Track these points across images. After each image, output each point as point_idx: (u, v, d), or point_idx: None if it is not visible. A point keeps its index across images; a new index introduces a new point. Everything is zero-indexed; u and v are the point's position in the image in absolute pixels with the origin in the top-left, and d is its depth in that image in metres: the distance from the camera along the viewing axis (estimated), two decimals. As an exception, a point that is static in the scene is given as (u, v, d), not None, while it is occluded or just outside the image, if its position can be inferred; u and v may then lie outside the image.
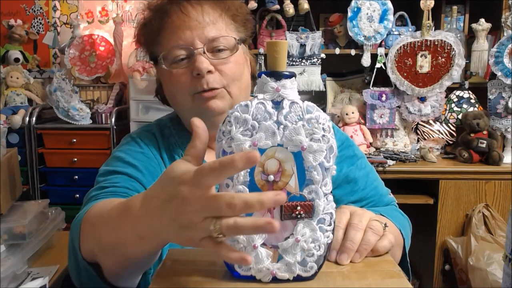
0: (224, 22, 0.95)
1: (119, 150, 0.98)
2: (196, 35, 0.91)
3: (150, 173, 0.92)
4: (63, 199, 2.70)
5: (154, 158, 0.96)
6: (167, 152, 1.00)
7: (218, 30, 0.93)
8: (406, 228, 0.96)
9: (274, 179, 0.59)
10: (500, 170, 2.21)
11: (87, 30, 3.16)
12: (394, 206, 1.07)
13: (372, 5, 2.49)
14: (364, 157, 1.08)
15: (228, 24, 0.96)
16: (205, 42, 0.92)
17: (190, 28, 0.91)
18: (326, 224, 0.61)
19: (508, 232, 0.71)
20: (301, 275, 0.60)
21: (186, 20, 0.92)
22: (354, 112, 2.49)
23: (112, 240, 0.66)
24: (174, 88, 0.96)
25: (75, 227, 0.76)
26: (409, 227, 1.01)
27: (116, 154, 0.96)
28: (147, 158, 0.95)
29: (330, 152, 0.60)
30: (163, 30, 0.94)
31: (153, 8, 0.96)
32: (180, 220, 0.53)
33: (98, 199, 0.81)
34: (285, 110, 0.59)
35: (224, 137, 0.60)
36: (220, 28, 0.93)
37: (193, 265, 0.65)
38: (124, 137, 1.04)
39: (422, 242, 2.41)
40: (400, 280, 0.61)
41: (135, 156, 0.94)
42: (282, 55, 0.61)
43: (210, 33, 0.92)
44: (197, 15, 0.92)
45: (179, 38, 0.92)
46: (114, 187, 0.85)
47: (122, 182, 0.87)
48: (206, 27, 0.92)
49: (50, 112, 2.86)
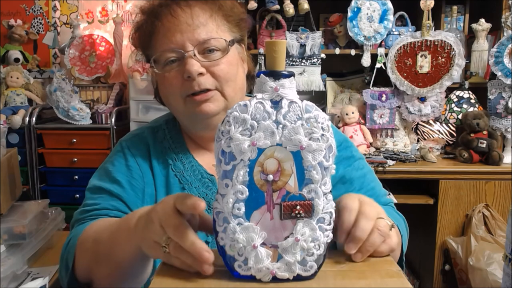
0: (215, 23, 0.95)
1: (109, 161, 1.02)
2: (186, 38, 0.91)
3: (131, 187, 0.96)
4: (63, 199, 2.70)
5: (139, 170, 0.98)
6: (158, 157, 1.01)
7: (209, 32, 0.93)
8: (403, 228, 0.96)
9: (273, 178, 0.59)
10: (500, 170, 2.21)
11: (87, 30, 3.15)
12: (391, 207, 1.06)
13: (372, 5, 2.48)
14: (362, 159, 1.07)
15: (220, 25, 0.95)
16: (196, 44, 0.92)
17: (181, 31, 0.92)
18: (326, 223, 0.61)
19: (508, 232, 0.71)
20: (301, 275, 0.60)
21: (176, 23, 0.92)
22: (354, 112, 2.48)
23: (110, 243, 0.78)
24: (167, 91, 0.97)
25: (71, 248, 0.87)
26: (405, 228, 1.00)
27: (106, 166, 1.01)
28: (130, 171, 0.98)
29: (329, 151, 0.60)
30: (154, 34, 0.95)
31: (145, 11, 0.97)
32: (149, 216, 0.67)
33: (84, 222, 0.92)
34: (284, 110, 0.59)
35: (223, 137, 0.60)
36: (211, 30, 0.93)
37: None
38: (117, 143, 1.06)
39: (422, 242, 2.41)
40: (400, 280, 0.61)
41: (120, 170, 0.98)
42: (280, 54, 0.61)
43: (200, 35, 0.92)
44: (186, 18, 0.92)
45: (170, 41, 0.92)
46: (95, 210, 0.93)
47: (103, 203, 0.94)
48: (196, 29, 0.92)
49: (50, 112, 2.86)
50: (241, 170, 0.59)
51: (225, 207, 0.59)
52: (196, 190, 0.97)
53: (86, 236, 0.86)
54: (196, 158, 1.01)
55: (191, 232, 0.62)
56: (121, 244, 0.76)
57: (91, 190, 0.98)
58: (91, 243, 0.84)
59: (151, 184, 0.98)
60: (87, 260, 0.85)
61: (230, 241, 0.59)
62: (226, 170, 0.59)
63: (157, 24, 0.93)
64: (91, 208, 0.94)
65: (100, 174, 1.01)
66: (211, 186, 0.98)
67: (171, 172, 0.99)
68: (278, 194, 0.60)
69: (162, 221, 0.64)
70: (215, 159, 0.61)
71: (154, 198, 0.97)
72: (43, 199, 1.63)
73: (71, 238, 0.91)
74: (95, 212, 0.93)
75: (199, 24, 0.92)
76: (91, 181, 1.00)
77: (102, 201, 0.94)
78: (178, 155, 1.01)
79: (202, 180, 0.98)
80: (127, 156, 1.00)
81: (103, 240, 0.81)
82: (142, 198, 0.96)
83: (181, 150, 1.02)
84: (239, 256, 0.60)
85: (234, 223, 0.59)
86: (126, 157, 1.00)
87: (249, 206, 0.60)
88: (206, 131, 0.99)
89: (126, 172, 0.98)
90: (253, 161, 0.59)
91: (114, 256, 0.78)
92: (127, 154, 1.00)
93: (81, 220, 0.93)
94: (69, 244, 0.90)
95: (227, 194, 0.59)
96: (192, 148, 1.03)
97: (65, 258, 0.89)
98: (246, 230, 0.59)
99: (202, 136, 1.02)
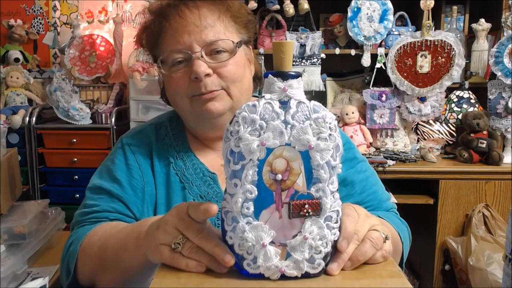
0: (223, 25, 0.94)
1: (110, 159, 1.02)
2: (194, 39, 0.91)
3: (131, 187, 0.96)
4: (63, 199, 2.69)
5: (138, 169, 0.99)
6: (160, 155, 1.01)
7: (216, 33, 0.93)
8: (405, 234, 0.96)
9: (282, 178, 0.60)
10: (500, 170, 2.22)
11: (87, 30, 3.16)
12: (394, 213, 1.05)
13: (372, 5, 2.49)
14: (365, 161, 1.07)
15: (228, 26, 0.95)
16: (203, 45, 0.92)
17: (188, 32, 0.92)
18: (333, 222, 0.62)
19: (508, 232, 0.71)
20: (309, 272, 0.61)
21: (183, 24, 0.92)
22: (354, 112, 2.49)
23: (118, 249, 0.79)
24: (174, 91, 0.97)
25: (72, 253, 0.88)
26: (408, 234, 1.00)
27: (106, 164, 1.01)
28: (130, 171, 0.98)
29: (336, 150, 0.61)
30: (162, 34, 0.94)
31: (153, 11, 0.97)
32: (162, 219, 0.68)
33: (84, 225, 0.93)
34: (292, 110, 0.60)
35: (232, 137, 0.60)
36: (219, 31, 0.93)
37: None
38: (118, 139, 1.06)
39: (422, 242, 2.41)
40: (400, 280, 0.61)
41: (120, 168, 0.99)
42: (288, 55, 0.61)
43: (208, 36, 0.92)
44: (194, 19, 0.92)
45: (177, 42, 0.92)
46: (95, 213, 0.94)
47: (103, 204, 0.94)
48: (203, 30, 0.92)
49: (50, 112, 2.86)
50: (250, 169, 0.59)
51: (234, 207, 0.60)
52: (197, 188, 0.97)
53: (90, 242, 0.86)
54: (198, 156, 1.01)
55: (214, 235, 0.64)
56: (129, 251, 0.76)
57: (91, 190, 0.99)
58: (97, 249, 0.84)
59: (151, 183, 0.98)
60: (91, 266, 0.85)
61: (239, 240, 0.60)
62: (235, 170, 0.59)
63: (165, 25, 0.93)
64: (91, 210, 0.94)
65: (101, 172, 1.01)
66: (213, 184, 0.98)
67: (172, 170, 0.99)
68: (286, 193, 0.60)
69: (178, 225, 0.65)
70: (224, 159, 0.61)
71: (154, 197, 0.97)
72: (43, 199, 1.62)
73: (72, 243, 0.91)
74: (95, 215, 0.93)
75: (207, 25, 0.92)
76: (92, 180, 1.01)
77: (101, 203, 0.94)
78: (179, 153, 1.01)
79: (203, 178, 0.98)
80: (127, 154, 1.00)
81: (110, 247, 0.81)
82: (142, 198, 0.96)
83: (182, 148, 1.02)
84: (248, 254, 0.60)
85: (243, 222, 0.60)
86: (126, 155, 1.00)
87: (258, 205, 0.60)
88: (211, 131, 1.00)
89: (126, 171, 0.98)
90: (262, 161, 0.59)
91: (121, 263, 0.79)
92: (127, 152, 1.00)
93: (81, 223, 0.94)
94: (70, 249, 0.90)
95: (236, 194, 0.60)
96: (194, 146, 1.03)
97: (66, 262, 0.90)
98: (255, 229, 0.60)
99: (207, 136, 1.02)
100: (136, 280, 0.81)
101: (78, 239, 0.89)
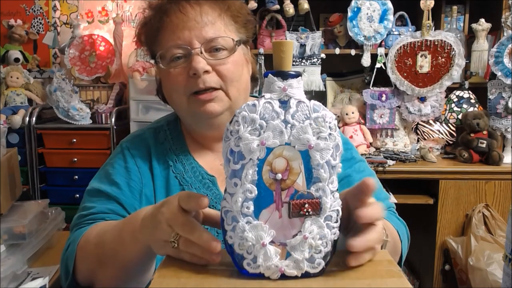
0: (223, 23, 0.95)
1: (109, 163, 1.02)
2: (194, 35, 0.91)
3: (129, 188, 0.97)
4: (63, 199, 2.69)
5: (137, 172, 0.99)
6: (159, 158, 1.01)
7: (217, 31, 0.93)
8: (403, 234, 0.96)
9: (282, 177, 0.60)
10: (500, 170, 2.22)
11: (87, 30, 3.16)
12: (392, 212, 1.05)
13: (372, 5, 2.49)
14: (363, 161, 1.07)
15: (228, 25, 0.96)
16: (203, 42, 0.92)
17: (189, 28, 0.92)
18: (333, 221, 0.61)
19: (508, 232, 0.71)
20: (309, 272, 0.61)
21: (184, 20, 0.92)
22: (354, 112, 2.49)
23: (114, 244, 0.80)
24: (171, 87, 0.96)
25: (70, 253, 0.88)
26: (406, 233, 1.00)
27: (106, 168, 1.02)
28: (128, 173, 0.98)
29: (336, 150, 0.61)
30: (162, 29, 0.94)
31: (153, 7, 0.97)
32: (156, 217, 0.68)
33: (82, 227, 0.93)
34: (292, 109, 0.60)
35: (232, 136, 0.60)
36: (219, 29, 0.93)
37: (193, 264, 0.65)
38: (118, 144, 1.06)
39: (422, 242, 2.41)
40: (400, 280, 0.61)
41: (119, 172, 0.99)
42: (288, 55, 0.61)
43: (208, 33, 0.92)
44: (195, 15, 0.92)
45: (177, 37, 0.92)
46: (92, 215, 0.94)
47: (100, 206, 0.94)
48: (204, 27, 0.92)
49: (50, 112, 2.86)
50: (250, 169, 0.59)
51: (234, 206, 0.59)
52: (197, 191, 0.97)
53: (86, 241, 0.87)
54: (196, 159, 1.01)
55: (198, 226, 0.64)
56: (126, 245, 0.77)
57: (89, 193, 0.99)
58: (93, 246, 0.84)
59: (149, 185, 0.98)
60: (89, 264, 0.85)
61: (239, 239, 0.60)
62: (235, 169, 0.59)
63: (165, 20, 0.93)
64: (88, 213, 0.94)
65: (100, 176, 1.01)
66: (212, 187, 0.98)
67: (172, 173, 0.99)
68: (286, 192, 0.60)
69: (169, 220, 0.66)
70: (223, 158, 0.61)
71: (152, 199, 0.97)
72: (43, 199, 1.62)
73: (70, 244, 0.91)
74: (92, 217, 0.93)
75: (208, 22, 0.92)
76: (91, 183, 1.01)
77: (99, 205, 0.95)
78: (178, 156, 1.01)
79: (202, 181, 0.98)
80: (127, 157, 1.00)
81: (106, 243, 0.82)
82: (139, 199, 0.96)
83: (181, 151, 1.02)
84: (248, 254, 0.60)
85: (243, 222, 0.60)
86: (125, 158, 1.00)
87: (258, 205, 0.60)
88: (209, 131, 1.00)
89: (125, 174, 0.98)
90: (261, 160, 0.59)
91: (119, 257, 0.79)
92: (127, 155, 1.01)
93: (79, 225, 0.94)
94: (68, 250, 0.90)
95: (236, 193, 0.59)
96: (193, 149, 1.03)
97: (64, 263, 0.90)
98: (255, 229, 0.60)
99: (204, 135, 1.02)
100: (135, 275, 0.81)
101: (75, 240, 0.89)
